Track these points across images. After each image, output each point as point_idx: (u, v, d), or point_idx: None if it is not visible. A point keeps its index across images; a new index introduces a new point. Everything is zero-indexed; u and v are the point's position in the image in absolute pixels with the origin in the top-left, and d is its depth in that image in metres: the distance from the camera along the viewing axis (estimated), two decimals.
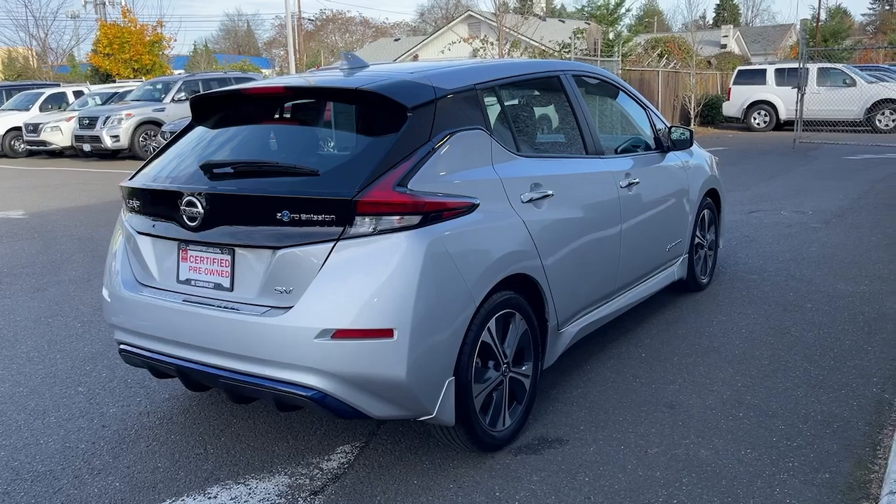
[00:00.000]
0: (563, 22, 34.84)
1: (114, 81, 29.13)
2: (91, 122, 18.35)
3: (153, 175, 3.56)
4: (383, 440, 3.56)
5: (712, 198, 5.84)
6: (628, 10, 23.83)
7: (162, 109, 18.47)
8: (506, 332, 3.38)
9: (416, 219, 2.91)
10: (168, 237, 3.35)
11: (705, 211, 5.69)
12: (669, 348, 4.62)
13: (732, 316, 5.20)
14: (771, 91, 21.17)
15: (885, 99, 19.70)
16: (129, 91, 20.36)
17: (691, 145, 5.36)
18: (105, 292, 3.65)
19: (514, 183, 3.46)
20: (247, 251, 3.11)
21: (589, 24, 19.59)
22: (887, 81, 20.38)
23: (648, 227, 4.65)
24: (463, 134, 3.32)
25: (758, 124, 21.49)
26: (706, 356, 4.47)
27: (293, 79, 3.59)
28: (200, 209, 3.14)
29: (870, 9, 76.73)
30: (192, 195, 3.16)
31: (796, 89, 17.46)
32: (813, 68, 20.37)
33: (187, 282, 3.30)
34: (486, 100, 3.60)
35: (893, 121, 19.71)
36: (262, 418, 3.85)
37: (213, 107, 3.73)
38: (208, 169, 3.29)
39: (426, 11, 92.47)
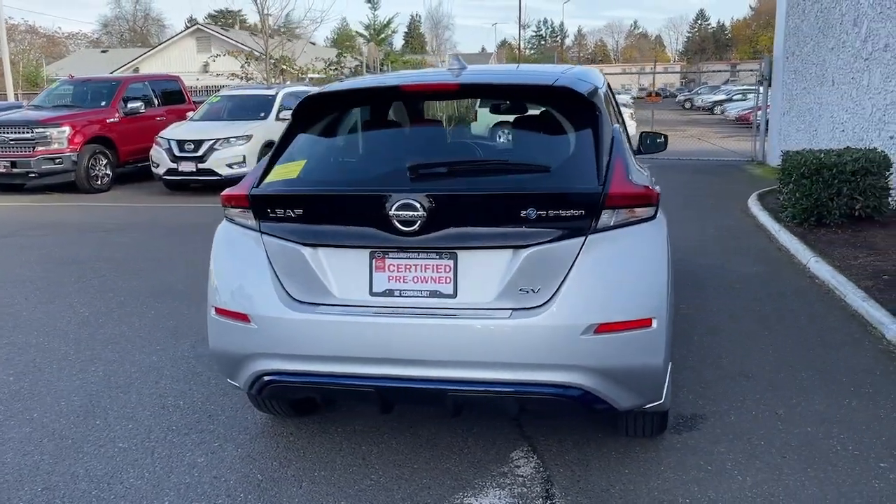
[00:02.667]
0: (312, 44, 34.80)
1: None
2: None
3: (307, 180, 3.19)
4: (548, 442, 3.57)
5: None
6: (394, 32, 24.56)
7: None
8: None
9: (652, 210, 3.04)
10: (357, 246, 3.03)
11: None
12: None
13: None
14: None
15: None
16: None
17: None
18: (217, 319, 3.19)
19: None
20: (475, 253, 2.96)
21: (369, 42, 19.95)
22: None
23: None
24: (619, 128, 3.49)
25: None
26: None
27: (469, 75, 3.43)
28: (422, 212, 2.91)
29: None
30: (411, 198, 2.91)
31: None
32: None
33: (387, 293, 3.02)
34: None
35: None
36: (405, 436, 3.61)
37: (354, 103, 3.44)
38: (415, 170, 3.05)
39: (110, 23, 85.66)
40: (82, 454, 3.60)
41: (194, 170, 12.59)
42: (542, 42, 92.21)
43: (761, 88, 15.73)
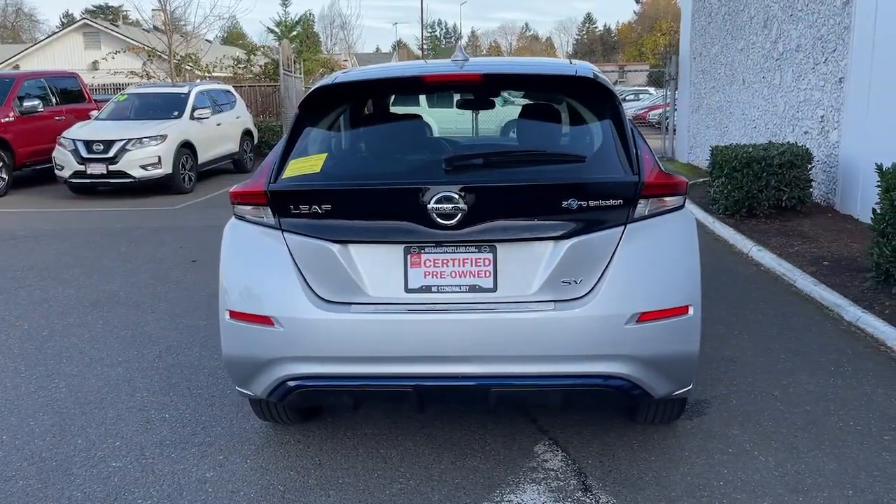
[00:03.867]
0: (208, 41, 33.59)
1: None
2: None
3: (332, 174, 3.05)
4: (566, 435, 3.56)
5: None
6: (304, 30, 23.98)
7: None
8: None
9: (681, 199, 3.08)
10: (391, 241, 2.92)
11: None
12: None
13: None
14: (424, 111, 23.38)
15: None
16: None
17: None
18: (233, 323, 3.01)
19: None
20: (515, 246, 2.91)
21: (281, 40, 19.38)
22: None
23: None
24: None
25: None
26: None
27: (482, 65, 3.34)
28: (462, 205, 2.83)
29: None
30: (451, 190, 2.83)
31: (448, 110, 19.68)
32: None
33: (424, 289, 2.93)
34: None
35: None
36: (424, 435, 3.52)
37: (369, 93, 3.31)
38: (451, 161, 2.97)
39: None
40: (73, 476, 3.31)
41: (105, 172, 11.86)
42: (438, 42, 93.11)
43: (668, 89, 16.38)
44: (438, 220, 2.85)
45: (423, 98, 4.16)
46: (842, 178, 8.46)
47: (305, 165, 3.08)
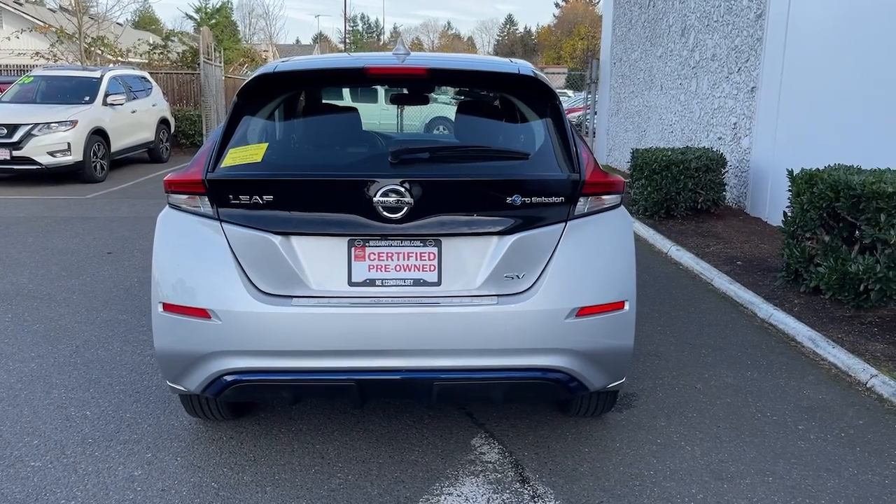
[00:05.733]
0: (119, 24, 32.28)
1: None
2: None
3: (275, 164, 2.99)
4: (501, 428, 3.61)
5: None
6: (227, 17, 23.25)
7: None
8: None
9: (618, 198, 3.17)
10: (335, 234, 2.89)
11: None
12: None
13: None
14: (347, 105, 23.15)
15: None
16: None
17: None
18: (166, 316, 2.92)
19: None
20: (460, 240, 2.92)
21: (200, 27, 18.74)
22: None
23: None
24: None
25: None
26: None
27: (425, 59, 3.32)
28: (409, 198, 2.83)
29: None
30: (397, 184, 2.82)
31: (372, 104, 19.67)
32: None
33: (368, 283, 2.91)
34: None
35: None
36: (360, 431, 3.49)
37: (311, 83, 3.25)
38: (396, 155, 2.95)
39: None
40: None
41: (8, 158, 11.23)
42: (360, 37, 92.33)
43: (588, 93, 16.78)
44: (384, 213, 2.83)
45: (346, 91, 4.11)
46: (752, 182, 8.87)
47: (246, 154, 3.00)
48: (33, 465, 3.23)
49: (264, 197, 2.87)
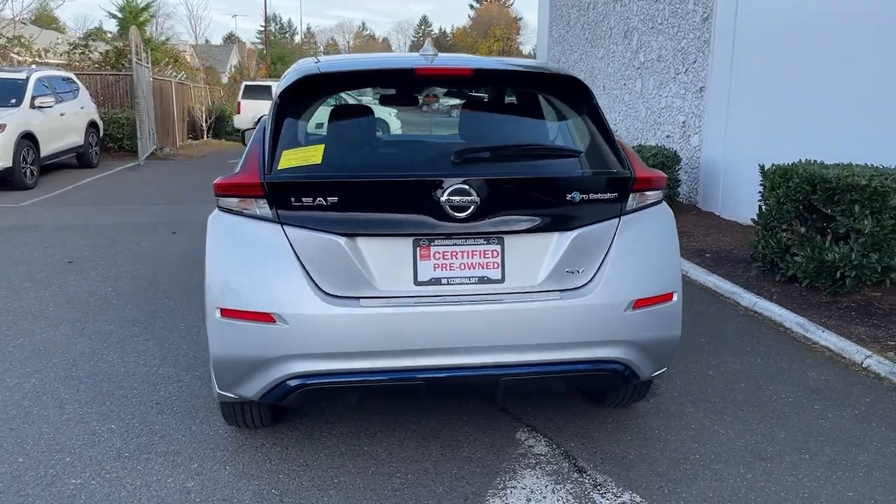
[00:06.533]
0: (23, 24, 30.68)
1: None
2: None
3: (338, 165, 2.97)
4: (539, 420, 3.67)
5: None
6: (152, 16, 22.38)
7: None
8: None
9: (661, 193, 3.29)
10: (401, 234, 2.89)
11: None
12: None
13: None
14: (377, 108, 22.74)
15: None
16: None
17: None
18: (226, 322, 2.86)
19: None
20: (522, 237, 2.98)
21: (131, 27, 17.98)
22: None
23: None
24: None
25: None
26: None
27: (464, 60, 3.33)
28: (475, 197, 2.86)
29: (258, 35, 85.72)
30: (464, 183, 2.85)
31: None
32: None
33: (433, 281, 2.92)
34: None
35: None
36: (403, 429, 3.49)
37: (355, 84, 3.23)
38: (459, 154, 2.97)
39: None
40: (26, 497, 2.97)
41: None
42: (275, 38, 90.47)
43: None
44: (451, 212, 2.85)
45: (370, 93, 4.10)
46: (703, 178, 9.25)
47: (302, 156, 2.96)
48: (74, 483, 3.09)
49: (329, 198, 2.84)
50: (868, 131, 6.61)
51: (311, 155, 2.97)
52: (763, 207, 5.96)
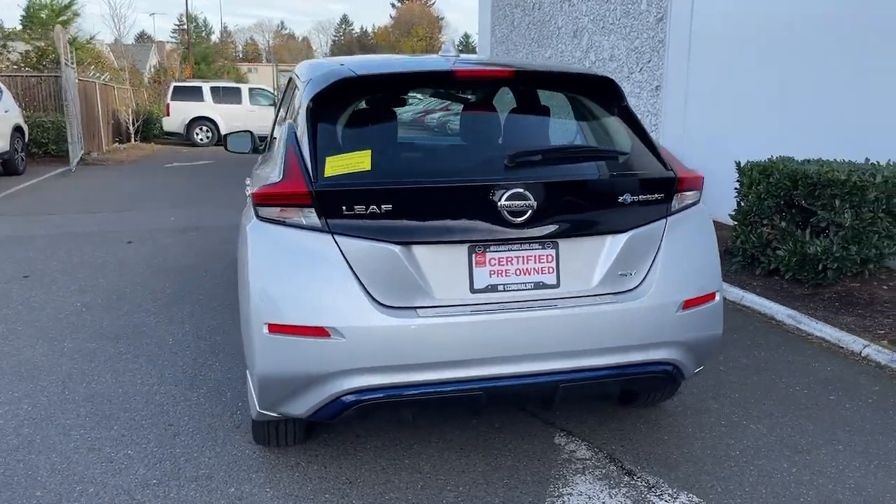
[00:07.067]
0: None
1: None
2: None
3: (389, 171, 2.85)
4: (572, 424, 3.64)
5: None
6: (77, 14, 21.23)
7: None
8: None
9: (699, 194, 3.30)
10: (456, 241, 2.79)
11: None
12: None
13: None
14: (210, 108, 22.07)
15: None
16: None
17: None
18: (275, 338, 2.71)
19: None
20: (576, 241, 2.93)
21: (49, 24, 17.05)
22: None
23: None
24: None
25: (201, 139, 22.14)
26: None
27: (511, 63, 3.24)
28: (532, 202, 2.79)
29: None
30: (521, 188, 2.78)
31: (237, 105, 19.29)
32: (245, 88, 22.40)
33: (490, 288, 2.84)
34: None
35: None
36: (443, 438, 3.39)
37: (394, 88, 3.12)
38: (513, 158, 2.89)
39: None
40: None
41: None
42: (190, 35, 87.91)
43: None
44: (508, 217, 2.78)
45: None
46: None
47: (349, 163, 2.83)
48: None
49: (383, 206, 2.72)
50: (816, 124, 6.88)
51: (359, 161, 2.83)
52: (742, 203, 6.11)
